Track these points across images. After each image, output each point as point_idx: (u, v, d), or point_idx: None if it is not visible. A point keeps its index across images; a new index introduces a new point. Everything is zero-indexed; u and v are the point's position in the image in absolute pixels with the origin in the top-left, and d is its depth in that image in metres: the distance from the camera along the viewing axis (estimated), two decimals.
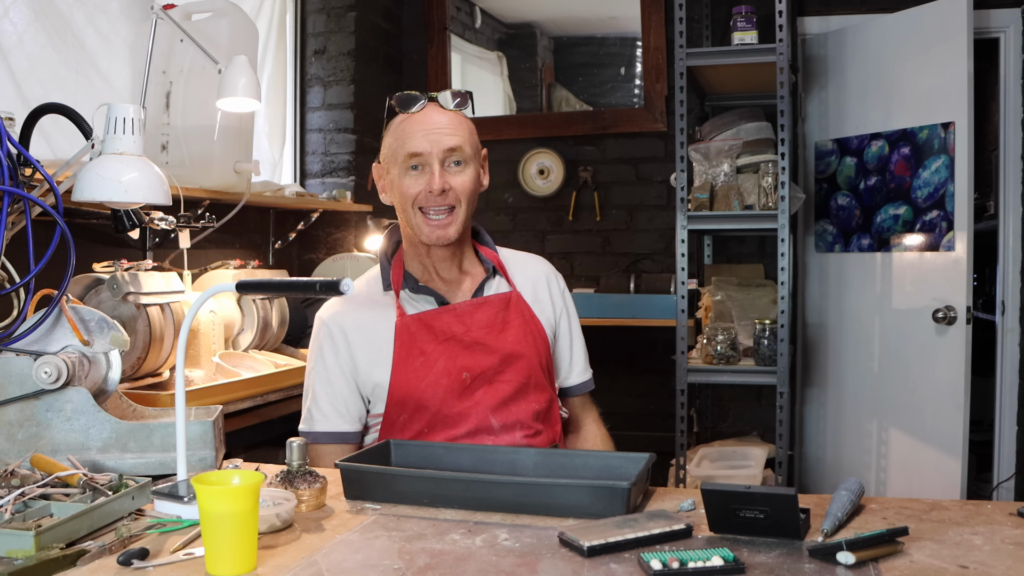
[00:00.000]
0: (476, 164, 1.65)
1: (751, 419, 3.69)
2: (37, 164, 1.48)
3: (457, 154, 1.60)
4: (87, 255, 2.22)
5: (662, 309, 3.30)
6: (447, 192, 1.59)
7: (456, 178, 1.61)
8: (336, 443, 1.64)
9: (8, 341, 1.43)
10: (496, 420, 1.61)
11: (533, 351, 1.66)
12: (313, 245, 3.51)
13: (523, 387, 1.64)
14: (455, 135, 1.60)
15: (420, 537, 1.14)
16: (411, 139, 1.60)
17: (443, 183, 1.59)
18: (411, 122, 1.61)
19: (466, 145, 1.61)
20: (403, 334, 1.61)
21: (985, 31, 3.42)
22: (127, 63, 2.60)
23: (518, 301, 1.69)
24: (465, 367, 1.61)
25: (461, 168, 1.61)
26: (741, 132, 3.16)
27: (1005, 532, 1.15)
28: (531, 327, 1.68)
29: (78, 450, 1.42)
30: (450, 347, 1.61)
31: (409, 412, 1.60)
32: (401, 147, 1.61)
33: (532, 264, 1.79)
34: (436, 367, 1.60)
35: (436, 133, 1.59)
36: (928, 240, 3.25)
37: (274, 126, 3.44)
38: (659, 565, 1.01)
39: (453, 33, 3.95)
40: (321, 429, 1.64)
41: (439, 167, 1.59)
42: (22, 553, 1.03)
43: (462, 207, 1.62)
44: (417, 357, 1.60)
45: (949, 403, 3.12)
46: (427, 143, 1.59)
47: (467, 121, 1.65)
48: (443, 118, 1.61)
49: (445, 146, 1.59)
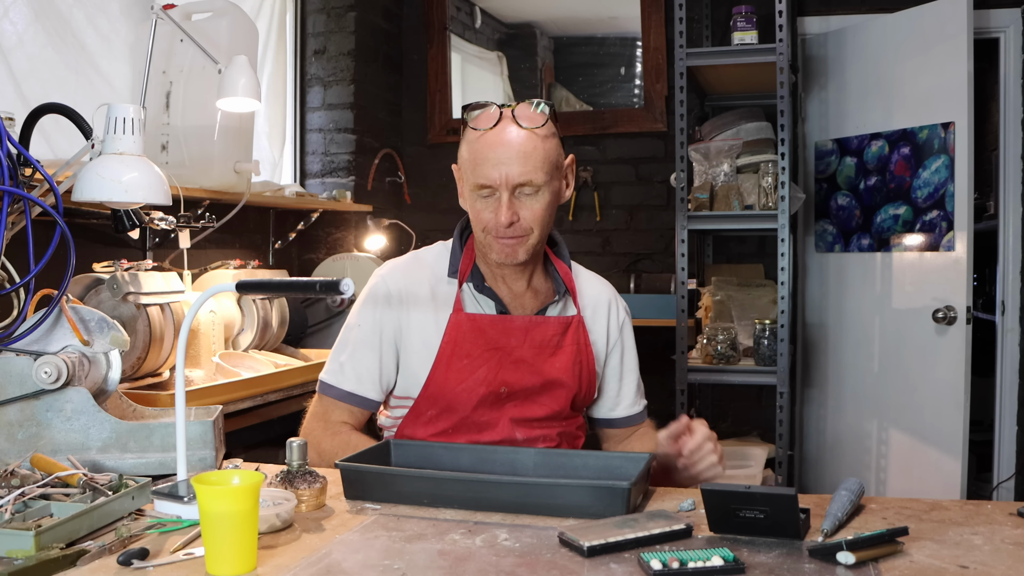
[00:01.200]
0: (552, 186, 1.55)
1: (751, 419, 3.69)
2: (37, 164, 1.48)
3: (528, 186, 1.52)
4: (87, 255, 2.22)
5: (662, 309, 3.30)
6: (515, 224, 1.53)
7: (526, 208, 1.53)
8: (356, 406, 1.62)
9: (8, 341, 1.43)
10: (520, 434, 1.60)
11: (576, 381, 1.63)
12: (313, 245, 3.51)
13: (557, 413, 1.63)
14: (526, 164, 1.50)
15: (420, 537, 1.14)
16: (481, 167, 1.52)
17: (511, 216, 1.52)
18: (482, 144, 1.53)
19: (538, 173, 1.51)
20: (454, 331, 1.58)
21: (985, 31, 3.42)
22: (127, 63, 2.60)
23: (577, 327, 1.64)
24: (505, 382, 1.58)
25: (532, 196, 1.53)
26: (741, 132, 3.16)
27: (1005, 532, 1.15)
28: (582, 356, 1.64)
29: (78, 450, 1.42)
30: (496, 357, 1.58)
31: (438, 409, 1.60)
32: (471, 171, 1.54)
33: (597, 288, 1.74)
34: (477, 373, 1.57)
35: (506, 164, 1.50)
36: (928, 240, 3.25)
37: (274, 126, 3.44)
38: (659, 565, 1.01)
39: (453, 33, 3.95)
40: (347, 389, 1.61)
41: (508, 197, 1.51)
42: (22, 553, 1.03)
43: (534, 234, 1.55)
44: (462, 359, 1.58)
45: (949, 403, 3.12)
46: (496, 175, 1.50)
47: (545, 142, 1.53)
48: (517, 141, 1.51)
49: (514, 181, 1.50)
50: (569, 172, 1.63)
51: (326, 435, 1.59)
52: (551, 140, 1.56)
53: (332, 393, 1.62)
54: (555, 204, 1.58)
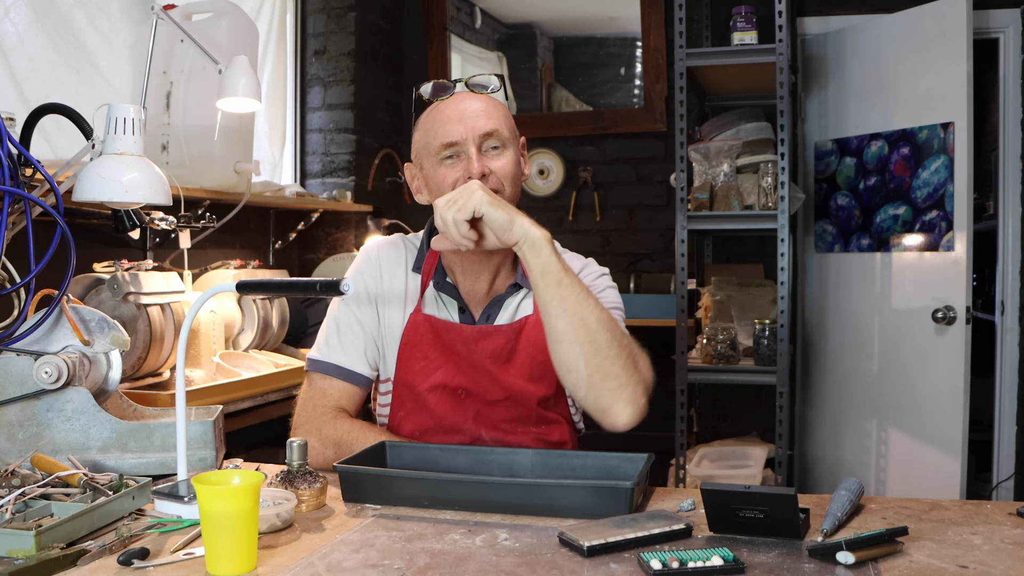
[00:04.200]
0: (515, 147, 1.53)
1: (751, 419, 3.69)
2: (38, 164, 1.48)
3: (494, 138, 1.49)
4: (87, 255, 2.22)
5: (662, 309, 3.30)
6: (487, 176, 1.47)
7: (496, 162, 1.49)
8: (347, 381, 1.57)
9: (9, 341, 1.43)
10: (488, 435, 1.57)
11: (541, 383, 1.55)
12: (313, 245, 3.51)
13: (522, 418, 1.57)
14: (489, 118, 1.49)
15: (420, 537, 1.15)
16: (443, 127, 1.49)
17: (483, 167, 1.47)
18: (441, 110, 1.51)
19: (503, 128, 1.50)
20: (412, 332, 1.57)
21: (985, 31, 3.42)
22: (127, 63, 2.61)
23: (533, 328, 1.54)
24: (462, 385, 1.55)
25: (500, 152, 1.50)
26: (741, 132, 3.16)
27: (1005, 532, 1.15)
28: (543, 355, 1.49)
29: (78, 450, 1.42)
30: (453, 360, 1.56)
31: (407, 410, 1.59)
32: (433, 137, 1.50)
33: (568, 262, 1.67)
34: (436, 375, 1.56)
35: (470, 118, 1.48)
36: (928, 240, 3.26)
37: (274, 126, 3.44)
38: (659, 565, 1.01)
39: (453, 33, 3.95)
40: (337, 362, 1.57)
41: (476, 152, 1.47)
42: (22, 553, 1.03)
43: (505, 192, 1.48)
44: (420, 360, 1.56)
45: (949, 403, 3.12)
46: (462, 129, 1.48)
47: (501, 105, 1.54)
48: (476, 103, 1.50)
49: (481, 130, 1.47)
50: (524, 150, 1.59)
51: (326, 419, 1.54)
52: (507, 109, 1.56)
53: (321, 368, 1.57)
54: (519, 171, 1.54)
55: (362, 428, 1.53)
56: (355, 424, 1.55)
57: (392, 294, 1.60)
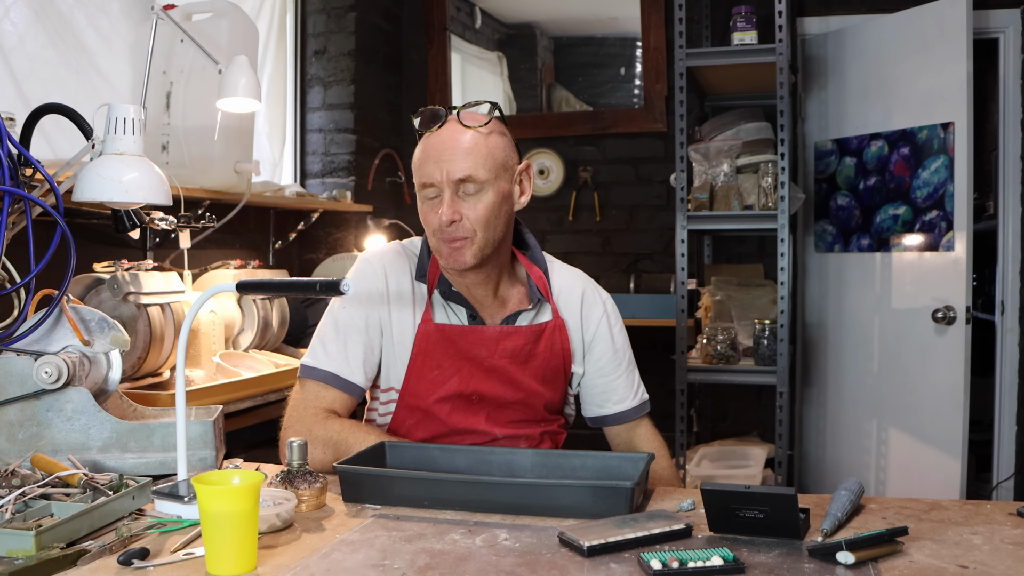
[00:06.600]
0: (498, 186, 1.52)
1: (751, 419, 3.69)
2: (38, 164, 1.48)
3: (470, 183, 1.50)
4: (87, 255, 2.22)
5: (662, 309, 3.30)
6: (457, 223, 1.50)
7: (468, 207, 1.50)
8: (341, 390, 1.56)
9: (9, 341, 1.43)
10: (500, 431, 1.60)
11: (551, 387, 1.62)
12: (313, 245, 3.51)
13: (534, 419, 1.62)
14: (467, 161, 1.49)
15: (420, 537, 1.15)
16: (424, 165, 1.52)
17: (452, 214, 1.49)
18: (427, 144, 1.53)
19: (480, 169, 1.50)
20: (423, 342, 1.56)
21: (985, 31, 3.42)
22: (127, 63, 2.61)
23: (552, 331, 1.61)
24: (477, 391, 1.57)
25: (476, 195, 1.50)
26: (741, 132, 3.16)
27: (1004, 532, 1.15)
28: (556, 361, 1.61)
29: (78, 450, 1.42)
30: (467, 367, 1.57)
31: (416, 419, 1.60)
32: (416, 172, 1.54)
33: (571, 282, 1.67)
34: (449, 383, 1.56)
35: (448, 161, 1.49)
36: (927, 240, 3.26)
37: (274, 126, 3.44)
38: (659, 565, 1.01)
39: (453, 33, 3.95)
40: (332, 370, 1.56)
41: (451, 196, 1.50)
42: (23, 553, 1.03)
43: (478, 236, 1.51)
44: (432, 370, 1.56)
45: (949, 403, 3.12)
46: (438, 172, 1.50)
47: (489, 139, 1.53)
48: (461, 139, 1.51)
49: (456, 176, 1.49)
50: (524, 178, 1.59)
51: (316, 420, 1.53)
52: (496, 138, 1.54)
53: (316, 375, 1.56)
54: (503, 207, 1.54)
55: (353, 427, 1.53)
56: (345, 423, 1.54)
57: (399, 302, 1.60)
